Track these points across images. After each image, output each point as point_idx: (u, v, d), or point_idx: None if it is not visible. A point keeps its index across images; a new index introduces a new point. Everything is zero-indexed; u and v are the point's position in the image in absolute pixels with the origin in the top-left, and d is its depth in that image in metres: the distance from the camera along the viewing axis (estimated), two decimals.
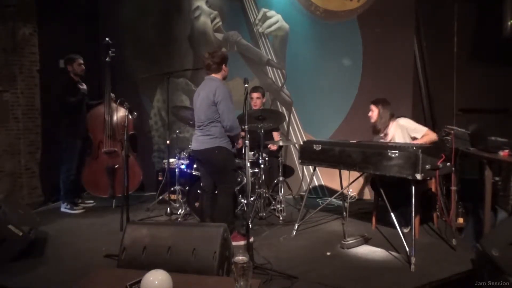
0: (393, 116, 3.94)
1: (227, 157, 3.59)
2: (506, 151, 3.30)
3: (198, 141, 3.60)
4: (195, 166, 4.38)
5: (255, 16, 5.64)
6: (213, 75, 3.62)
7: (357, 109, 5.28)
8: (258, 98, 4.74)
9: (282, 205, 4.50)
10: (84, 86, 4.81)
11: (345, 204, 4.13)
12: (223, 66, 3.61)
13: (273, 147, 4.76)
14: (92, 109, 4.92)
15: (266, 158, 4.47)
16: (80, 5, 5.50)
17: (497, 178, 3.50)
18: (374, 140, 3.99)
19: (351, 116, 5.33)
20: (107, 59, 4.80)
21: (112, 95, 4.95)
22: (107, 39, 4.75)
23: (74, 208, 4.81)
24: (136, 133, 5.31)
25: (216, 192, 3.70)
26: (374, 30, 5.19)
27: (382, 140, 3.94)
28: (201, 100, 3.56)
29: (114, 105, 4.91)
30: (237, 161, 4.34)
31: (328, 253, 3.43)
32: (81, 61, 4.77)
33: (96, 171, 4.91)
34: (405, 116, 4.02)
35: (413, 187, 3.12)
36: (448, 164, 3.31)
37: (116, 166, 4.89)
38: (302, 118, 5.59)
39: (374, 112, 3.95)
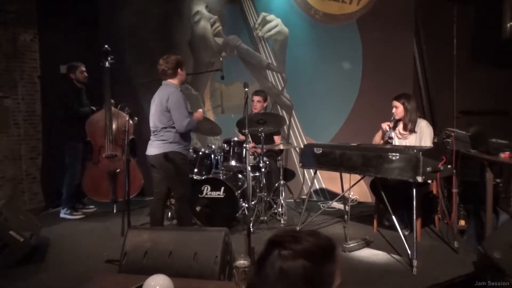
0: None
1: (180, 163, 3.56)
2: (507, 153, 3.29)
3: (152, 146, 3.57)
4: (196, 170, 4.39)
5: (255, 20, 5.66)
6: (169, 80, 3.59)
7: (357, 112, 5.28)
8: (258, 101, 4.73)
9: (283, 209, 4.49)
10: (84, 94, 4.86)
11: (347, 207, 4.13)
12: (179, 70, 3.59)
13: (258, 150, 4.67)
14: (91, 115, 4.92)
15: (267, 162, 4.47)
16: (81, 11, 5.51)
17: (498, 180, 3.49)
18: (386, 136, 3.89)
19: (351, 119, 5.33)
20: (106, 65, 4.80)
21: (112, 100, 4.96)
22: (106, 46, 4.75)
23: (74, 213, 4.80)
24: (136, 138, 5.30)
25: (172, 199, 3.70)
26: (374, 33, 5.20)
27: (399, 139, 3.88)
28: (155, 106, 3.55)
29: (114, 110, 4.91)
30: (236, 164, 4.35)
31: None
32: (83, 69, 4.80)
33: (97, 176, 4.89)
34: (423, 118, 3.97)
35: (414, 190, 3.11)
36: (449, 166, 3.30)
37: (118, 170, 4.88)
38: (302, 121, 5.59)
39: (398, 109, 3.83)
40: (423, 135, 3.76)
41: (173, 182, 3.62)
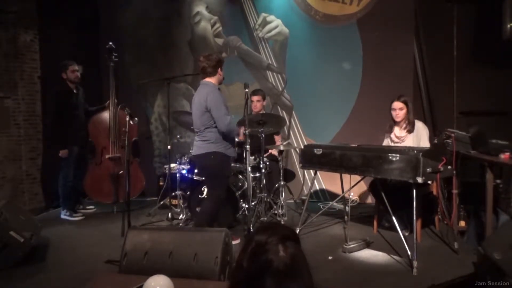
0: None
1: (222, 163, 3.57)
2: (507, 153, 3.29)
3: (196, 146, 3.63)
4: (196, 171, 4.39)
5: (255, 21, 5.66)
6: (207, 79, 3.59)
7: (357, 113, 5.28)
8: (258, 101, 4.73)
9: (283, 210, 4.49)
10: (80, 93, 4.80)
11: (347, 208, 4.12)
12: (219, 69, 3.59)
13: (274, 152, 4.74)
14: (94, 115, 4.90)
15: (267, 163, 4.47)
16: (81, 11, 5.52)
17: (498, 181, 3.49)
18: (387, 138, 3.88)
19: (351, 120, 5.33)
20: (111, 64, 4.77)
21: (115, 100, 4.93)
22: (110, 43, 4.72)
23: (74, 215, 4.78)
24: (138, 139, 5.29)
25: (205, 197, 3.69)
26: (374, 34, 5.20)
27: (397, 141, 3.89)
28: (195, 106, 3.58)
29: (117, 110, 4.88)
30: (238, 165, 4.36)
31: (330, 257, 3.43)
32: (76, 68, 4.67)
33: (99, 177, 4.85)
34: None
35: (414, 191, 3.11)
36: (449, 167, 3.30)
37: (121, 172, 4.81)
38: (302, 122, 5.59)
39: (403, 110, 3.82)
40: (421, 136, 3.77)
41: (210, 182, 3.64)
